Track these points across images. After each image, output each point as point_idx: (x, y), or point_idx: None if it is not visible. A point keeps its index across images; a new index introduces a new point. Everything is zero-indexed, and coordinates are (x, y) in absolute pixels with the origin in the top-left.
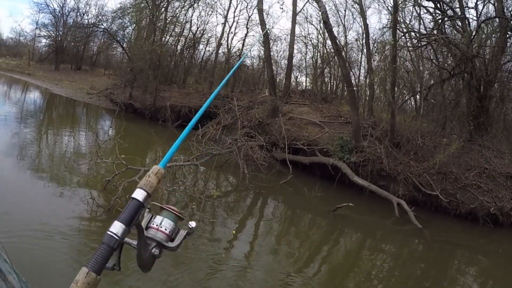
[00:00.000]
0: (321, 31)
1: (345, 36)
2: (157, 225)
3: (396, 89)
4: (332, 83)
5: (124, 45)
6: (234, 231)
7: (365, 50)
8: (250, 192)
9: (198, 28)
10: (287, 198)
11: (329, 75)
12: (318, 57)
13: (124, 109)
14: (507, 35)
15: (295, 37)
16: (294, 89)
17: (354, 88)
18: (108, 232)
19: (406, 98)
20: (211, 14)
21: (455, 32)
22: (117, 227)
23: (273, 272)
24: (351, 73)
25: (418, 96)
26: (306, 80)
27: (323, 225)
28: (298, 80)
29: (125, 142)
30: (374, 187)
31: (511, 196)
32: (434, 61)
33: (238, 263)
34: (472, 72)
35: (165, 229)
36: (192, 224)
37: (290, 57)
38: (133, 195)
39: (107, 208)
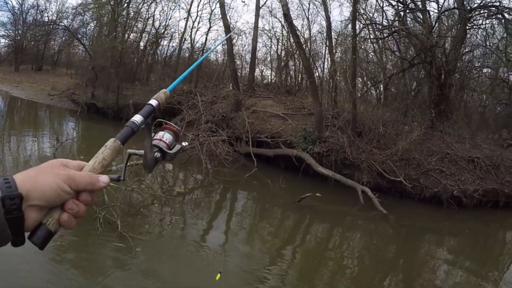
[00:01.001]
0: (285, 25)
1: (309, 29)
2: (159, 137)
3: (360, 80)
4: (296, 76)
5: (85, 43)
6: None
7: (328, 43)
8: (215, 188)
9: (160, 23)
10: (253, 191)
11: (293, 68)
12: (283, 50)
13: (86, 109)
14: (467, 27)
15: (259, 31)
16: (258, 83)
17: (317, 80)
18: (132, 120)
19: (367, 88)
20: (174, 9)
21: (417, 24)
22: (138, 117)
23: (247, 266)
24: (316, 65)
25: (382, 86)
26: (271, 74)
27: (292, 216)
28: (263, 73)
29: (86, 143)
30: (338, 176)
31: (473, 178)
32: (396, 52)
33: (211, 259)
34: (432, 62)
35: (166, 140)
36: (185, 144)
37: (254, 50)
38: (149, 102)
39: None
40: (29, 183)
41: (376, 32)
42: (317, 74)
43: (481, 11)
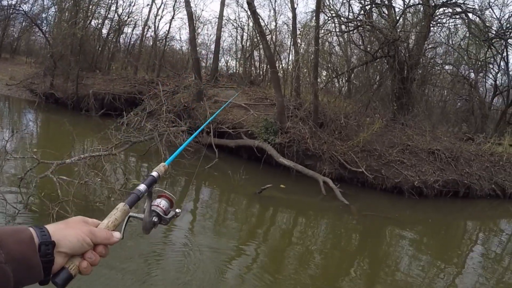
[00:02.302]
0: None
1: (275, 20)
2: (157, 204)
3: (324, 72)
4: (261, 67)
5: (45, 29)
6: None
7: (292, 34)
8: (175, 180)
9: (124, 10)
10: (214, 183)
11: (258, 59)
12: (248, 40)
13: (44, 99)
14: (431, 24)
15: (225, 20)
16: (222, 73)
17: (281, 71)
18: (137, 188)
19: (329, 80)
20: None
21: (382, 19)
22: (142, 186)
23: (211, 259)
24: (280, 57)
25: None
26: (236, 64)
27: (254, 208)
28: (228, 64)
29: (42, 136)
30: (300, 167)
31: (434, 170)
32: (359, 45)
33: (177, 256)
34: (395, 56)
35: (163, 206)
36: (178, 210)
37: (218, 39)
38: (151, 174)
39: (22, 208)
40: (59, 234)
41: (342, 25)
42: (282, 66)
43: (446, 10)
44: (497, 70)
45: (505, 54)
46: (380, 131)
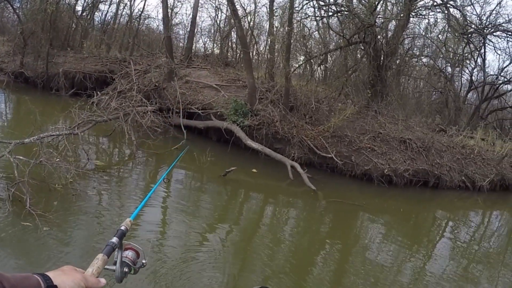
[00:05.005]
0: None
1: (255, 3)
2: (125, 255)
3: (302, 58)
4: (238, 48)
5: (17, 5)
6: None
7: (269, 15)
8: (140, 161)
9: None
10: (181, 165)
11: (235, 40)
12: (225, 20)
13: (13, 79)
14: (411, 15)
15: (203, 0)
16: (197, 54)
17: (257, 54)
18: (111, 240)
19: (302, 63)
20: None
21: (361, 5)
22: (115, 239)
23: (174, 245)
24: (258, 40)
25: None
26: (213, 45)
27: (219, 191)
28: (206, 45)
29: (5, 114)
30: (268, 150)
31: (404, 158)
32: (335, 29)
33: (143, 245)
34: (371, 42)
35: (131, 257)
36: (144, 260)
37: (194, 18)
38: (120, 228)
39: None
40: (59, 279)
41: (321, 10)
42: (258, 49)
43: (426, 2)
44: (473, 66)
45: (482, 51)
46: (352, 118)
